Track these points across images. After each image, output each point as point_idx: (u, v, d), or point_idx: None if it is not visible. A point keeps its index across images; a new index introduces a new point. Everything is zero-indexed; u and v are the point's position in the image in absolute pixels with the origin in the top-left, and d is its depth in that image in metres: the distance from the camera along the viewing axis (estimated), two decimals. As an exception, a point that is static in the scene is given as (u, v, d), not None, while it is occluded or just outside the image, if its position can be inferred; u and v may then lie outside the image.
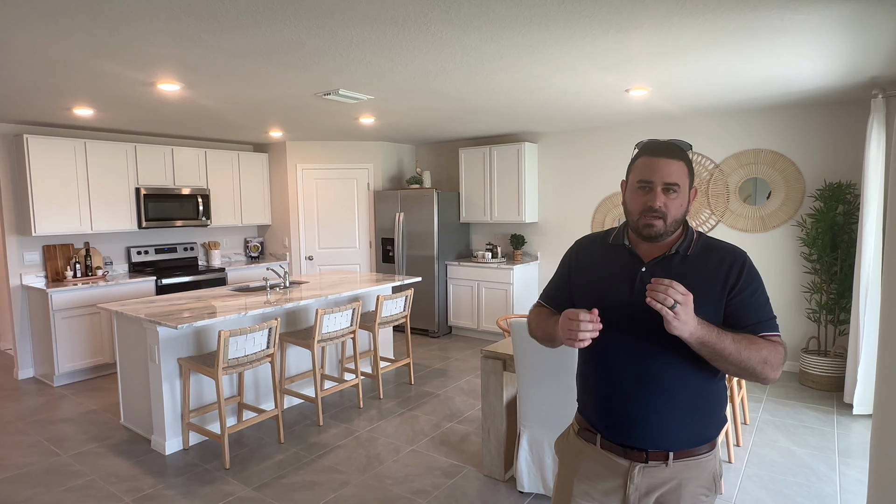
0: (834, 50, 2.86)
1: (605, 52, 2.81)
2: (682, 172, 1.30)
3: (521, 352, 2.67)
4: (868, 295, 3.70)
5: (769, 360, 1.22)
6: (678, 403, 1.32)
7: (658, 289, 1.15)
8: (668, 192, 1.29)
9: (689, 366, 1.29)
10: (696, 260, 1.33)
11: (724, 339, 1.20)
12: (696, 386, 1.32)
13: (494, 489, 2.87)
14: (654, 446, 1.33)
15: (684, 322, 1.15)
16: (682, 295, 1.15)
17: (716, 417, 1.38)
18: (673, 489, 1.34)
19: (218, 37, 2.47)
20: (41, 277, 4.90)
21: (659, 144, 1.33)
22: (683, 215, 1.34)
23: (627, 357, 1.34)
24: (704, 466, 1.35)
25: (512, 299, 5.66)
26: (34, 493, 2.89)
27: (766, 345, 1.24)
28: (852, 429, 3.53)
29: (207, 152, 5.87)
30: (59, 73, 3.05)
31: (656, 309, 1.15)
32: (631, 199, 1.36)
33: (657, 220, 1.30)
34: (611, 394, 1.38)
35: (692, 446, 1.34)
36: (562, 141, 5.78)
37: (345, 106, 4.15)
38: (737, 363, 1.21)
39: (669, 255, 1.35)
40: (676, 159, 1.30)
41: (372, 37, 2.52)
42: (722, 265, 1.31)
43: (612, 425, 1.38)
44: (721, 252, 1.34)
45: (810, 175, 4.47)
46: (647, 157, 1.32)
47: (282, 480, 2.99)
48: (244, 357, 3.22)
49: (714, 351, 1.20)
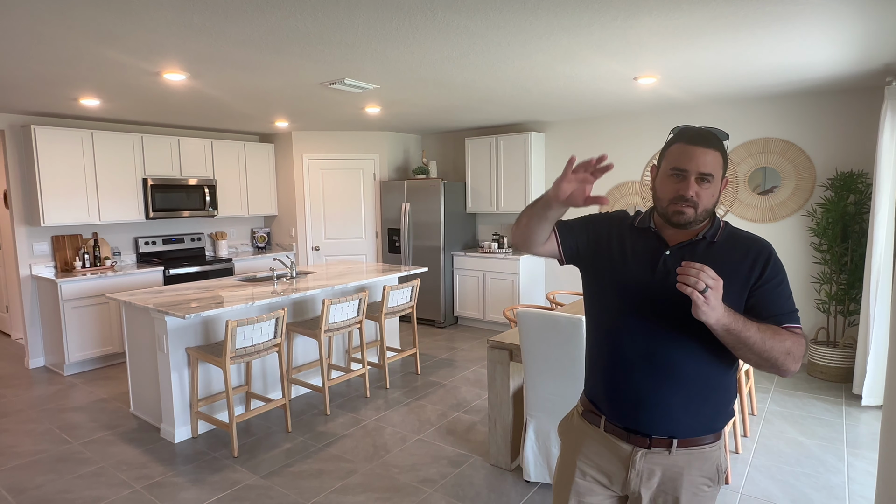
0: (847, 36, 2.81)
1: (614, 38, 2.77)
2: (718, 163, 1.27)
3: (527, 342, 2.66)
4: (879, 286, 3.66)
5: (792, 351, 1.21)
6: (688, 391, 1.30)
7: (689, 272, 1.12)
8: (702, 182, 1.26)
9: (704, 354, 1.28)
10: (722, 247, 1.31)
11: (749, 327, 1.18)
12: (709, 375, 1.31)
13: (501, 478, 2.88)
14: (659, 432, 1.32)
15: (713, 308, 1.13)
16: (713, 280, 1.12)
17: (725, 409, 1.36)
18: (674, 476, 1.33)
19: (223, 25, 2.46)
20: (50, 268, 4.94)
21: (696, 132, 1.29)
22: (714, 205, 1.31)
23: (641, 340, 1.32)
24: (708, 457, 1.34)
25: (518, 290, 5.65)
26: (46, 479, 2.93)
27: (789, 336, 1.22)
28: (861, 420, 3.51)
29: (214, 143, 5.87)
30: (64, 63, 3.05)
31: (686, 293, 1.13)
32: (662, 184, 1.32)
33: (688, 208, 1.27)
34: (620, 376, 1.36)
35: (697, 435, 1.32)
36: (569, 130, 5.74)
37: (351, 95, 4.13)
38: (760, 353, 1.19)
39: (696, 241, 1.32)
40: (713, 149, 1.26)
41: (378, 24, 2.49)
42: (748, 255, 1.29)
43: (618, 408, 1.37)
44: (747, 242, 1.32)
45: (821, 164, 4.41)
46: (682, 143, 1.28)
47: (289, 469, 3.01)
48: (251, 347, 3.24)
49: (739, 339, 1.18)
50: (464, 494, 2.73)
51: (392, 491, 2.77)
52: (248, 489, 2.81)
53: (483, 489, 2.78)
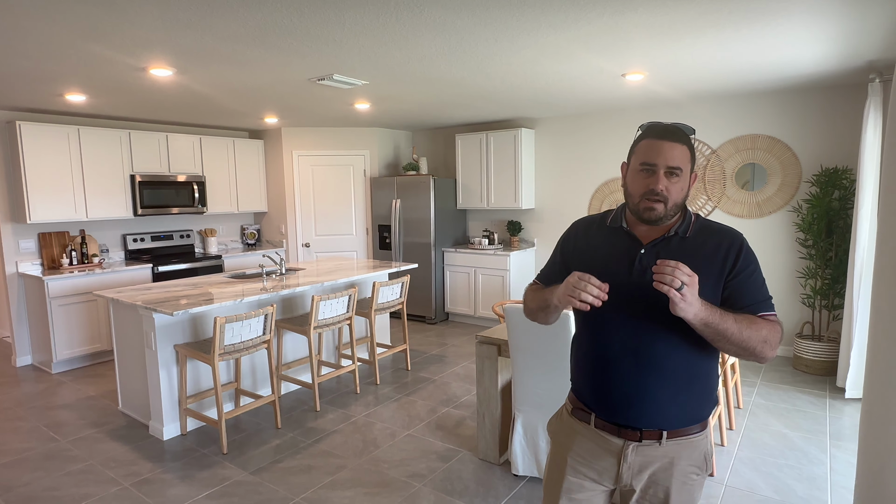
0: (831, 33, 2.84)
1: (601, 34, 2.79)
2: (685, 157, 1.29)
3: (515, 337, 2.68)
4: (862, 280, 3.71)
5: (769, 339, 1.24)
6: (674, 383, 1.33)
7: (665, 270, 1.15)
8: (671, 176, 1.29)
9: (685, 346, 1.30)
10: (695, 241, 1.34)
11: (726, 319, 1.20)
12: (692, 367, 1.34)
13: (489, 472, 2.90)
14: (649, 425, 1.34)
15: (690, 303, 1.15)
16: (689, 276, 1.15)
17: (709, 398, 1.40)
18: (665, 467, 1.36)
19: (209, 20, 2.44)
20: (37, 265, 4.90)
21: (663, 127, 1.31)
22: (684, 200, 1.33)
23: (625, 337, 1.35)
24: (696, 445, 1.37)
25: (508, 286, 5.67)
26: (34, 477, 2.92)
27: (765, 324, 1.26)
28: (844, 412, 3.56)
29: (202, 139, 5.84)
30: (49, 58, 3.02)
31: (663, 291, 1.15)
32: (632, 181, 1.34)
33: (658, 203, 1.29)
34: (607, 374, 1.38)
35: (685, 425, 1.35)
36: (559, 127, 5.75)
37: (340, 91, 4.12)
38: (738, 343, 1.22)
39: (668, 237, 1.35)
40: (680, 143, 1.29)
41: (365, 20, 2.49)
42: (720, 247, 1.32)
43: (607, 405, 1.39)
44: (719, 234, 1.34)
45: (807, 160, 4.46)
46: (650, 139, 1.30)
47: (279, 465, 3.02)
48: (240, 343, 3.23)
49: (717, 332, 1.21)
50: (452, 489, 2.75)
51: (381, 486, 2.79)
52: (237, 485, 2.81)
53: (471, 483, 2.80)
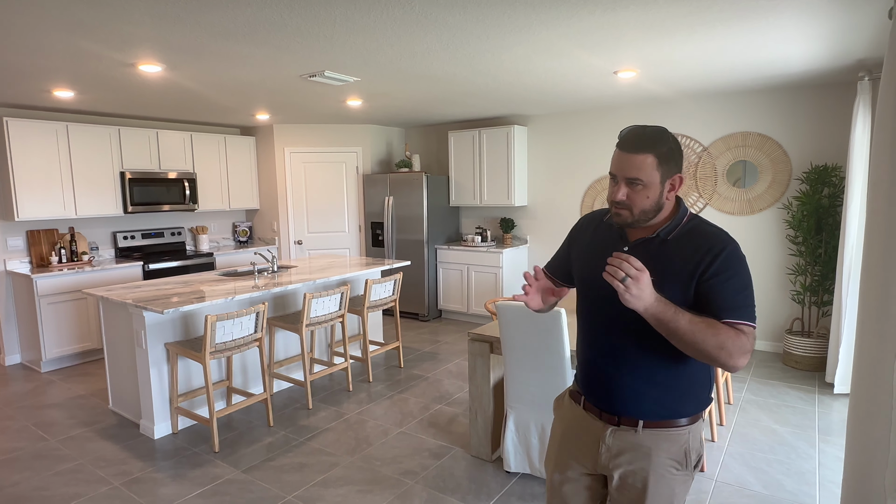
0: (821, 32, 2.86)
1: (592, 32, 2.79)
2: (648, 165, 1.29)
3: (507, 334, 2.68)
4: (851, 276, 3.75)
5: (726, 346, 1.21)
6: (645, 378, 1.37)
7: (613, 262, 1.19)
8: (633, 185, 1.31)
9: (660, 346, 1.31)
10: (675, 244, 1.35)
11: (679, 318, 1.21)
12: (666, 365, 1.36)
13: (482, 469, 2.91)
14: (625, 413, 1.40)
15: (636, 297, 1.18)
16: (637, 270, 1.17)
17: (691, 396, 1.40)
18: (641, 456, 1.38)
19: (197, 15, 2.42)
20: (25, 263, 4.85)
21: (625, 138, 1.33)
22: (654, 205, 1.33)
23: (604, 330, 1.42)
24: (676, 440, 1.38)
25: (501, 283, 5.68)
26: (22, 477, 2.90)
27: (725, 331, 1.23)
28: (833, 407, 3.60)
29: (193, 136, 5.79)
30: (36, 53, 2.98)
31: (608, 281, 1.19)
32: (609, 187, 1.41)
33: (623, 210, 1.34)
34: (590, 363, 1.48)
35: (662, 418, 1.38)
36: (551, 124, 5.76)
37: (331, 88, 4.10)
38: (691, 344, 1.22)
39: (650, 238, 1.38)
40: (641, 153, 1.29)
41: (356, 17, 2.48)
42: (700, 249, 1.31)
43: (591, 390, 1.48)
44: (704, 237, 1.34)
45: (797, 158, 4.49)
46: (616, 150, 1.35)
47: (271, 463, 3.01)
48: (231, 341, 3.22)
49: (668, 329, 1.22)
50: (444, 486, 2.75)
51: (373, 483, 2.79)
52: (228, 483, 2.80)
53: (464, 480, 2.80)
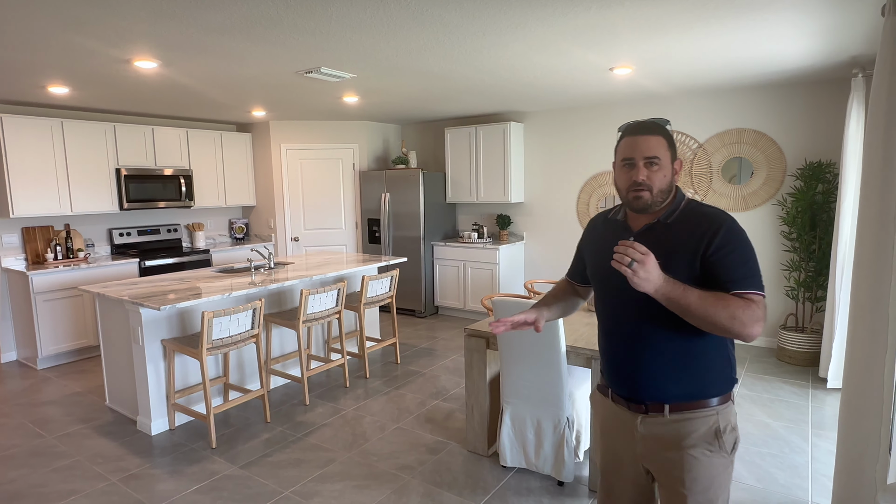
0: (815, 28, 2.87)
1: (588, 29, 2.79)
2: (662, 145, 1.39)
3: (503, 330, 2.69)
4: (844, 273, 3.78)
5: (737, 315, 1.26)
6: (668, 361, 1.41)
7: (618, 250, 1.24)
8: (650, 166, 1.38)
9: (675, 327, 1.37)
10: (676, 226, 1.41)
11: (689, 295, 1.26)
12: (683, 346, 1.40)
13: (478, 464, 2.93)
14: (651, 398, 1.44)
15: (644, 279, 1.22)
16: (641, 255, 1.22)
17: (712, 376, 1.42)
18: (673, 442, 1.41)
19: (193, 11, 2.42)
20: (21, 260, 4.84)
21: (637, 123, 1.43)
22: (668, 185, 1.41)
23: (622, 319, 1.47)
24: (705, 422, 1.40)
25: (498, 279, 5.69)
26: (20, 474, 2.90)
27: (735, 301, 1.28)
28: (826, 402, 3.63)
29: (189, 132, 5.78)
30: (30, 49, 2.97)
31: (616, 268, 1.24)
32: (618, 177, 1.45)
33: (643, 192, 1.38)
34: (612, 353, 1.52)
35: (687, 400, 1.41)
36: (548, 120, 5.77)
37: (328, 84, 4.09)
38: (704, 318, 1.27)
39: (652, 224, 1.44)
40: (654, 134, 1.39)
41: (352, 13, 2.48)
42: (699, 228, 1.37)
43: (616, 381, 1.52)
44: (702, 217, 1.40)
45: (791, 154, 4.51)
46: (627, 137, 1.42)
47: (268, 458, 3.02)
48: (228, 338, 3.22)
49: (680, 306, 1.27)
50: (441, 480, 2.77)
51: (370, 478, 2.80)
52: (226, 479, 2.81)
53: (460, 475, 2.82)
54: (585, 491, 2.66)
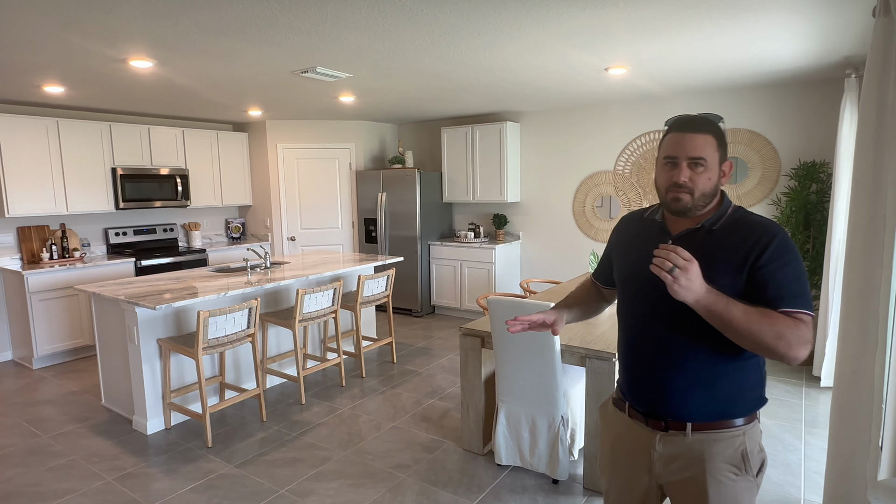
0: (808, 29, 2.89)
1: (583, 29, 2.81)
2: (710, 145, 1.28)
3: (497, 329, 2.71)
4: (837, 272, 3.80)
5: (784, 335, 1.17)
6: (695, 376, 1.32)
7: (660, 254, 1.16)
8: (695, 167, 1.28)
9: (706, 338, 1.28)
10: (722, 234, 1.31)
11: (733, 309, 1.17)
12: (712, 360, 1.31)
13: (473, 462, 2.94)
14: (673, 416, 1.35)
15: (685, 287, 1.14)
16: (685, 261, 1.14)
17: (740, 395, 1.33)
18: (695, 462, 1.32)
19: (188, 11, 2.42)
20: (16, 259, 4.83)
21: (685, 119, 1.32)
22: (713, 189, 1.31)
23: (650, 328, 1.37)
24: (731, 443, 1.31)
25: (494, 279, 5.70)
26: (15, 473, 2.90)
27: (782, 320, 1.19)
28: (820, 400, 3.66)
29: (185, 132, 5.77)
30: (25, 48, 2.97)
31: (656, 273, 1.16)
32: (659, 175, 1.35)
33: (684, 194, 1.29)
34: (634, 361, 1.43)
35: (712, 419, 1.32)
36: (544, 120, 5.78)
37: (324, 84, 4.10)
38: (747, 335, 1.18)
39: (695, 229, 1.34)
40: (702, 133, 1.28)
41: (347, 13, 2.48)
42: (748, 239, 1.27)
43: (635, 394, 1.42)
44: (751, 227, 1.29)
45: (786, 154, 4.54)
46: (673, 133, 1.31)
47: (264, 457, 3.03)
48: (224, 337, 3.22)
49: (722, 321, 1.18)
50: (436, 479, 2.78)
51: (366, 477, 2.81)
52: (221, 478, 2.82)
53: (455, 473, 2.83)
54: (580, 489, 2.67)
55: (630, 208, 5.35)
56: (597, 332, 2.79)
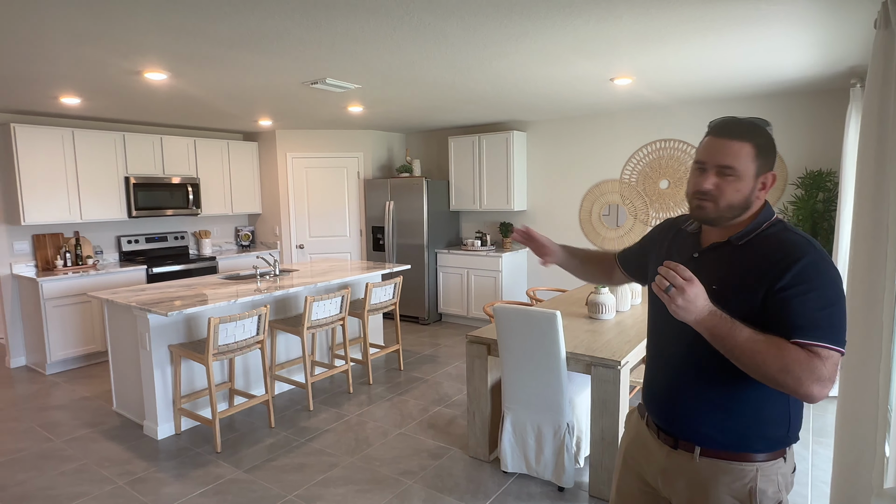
0: (813, 40, 2.92)
1: (588, 40, 2.85)
2: (746, 154, 1.18)
3: (504, 336, 2.73)
4: (844, 280, 3.79)
5: (792, 369, 1.06)
6: (712, 400, 1.25)
7: (661, 272, 1.11)
8: (723, 176, 1.19)
9: (726, 362, 1.16)
10: (749, 250, 1.21)
11: (737, 333, 1.08)
12: (732, 385, 1.22)
13: (479, 469, 2.95)
14: (684, 436, 1.30)
15: (682, 308, 1.08)
16: (683, 280, 1.08)
17: (760, 428, 1.23)
18: (699, 488, 1.27)
19: (202, 25, 2.49)
20: (31, 266, 4.92)
21: (724, 123, 1.23)
22: (744, 201, 1.21)
23: (672, 342, 1.33)
24: (739, 476, 1.22)
25: (501, 287, 5.73)
26: (28, 476, 2.95)
27: (793, 352, 1.07)
28: (828, 409, 3.64)
29: (197, 141, 5.87)
30: (42, 61, 3.05)
31: (655, 291, 1.13)
32: (689, 179, 1.28)
33: (707, 202, 1.21)
34: (653, 377, 1.41)
35: (724, 448, 1.24)
36: (550, 129, 5.82)
37: (333, 95, 4.17)
38: (750, 364, 1.09)
39: (721, 244, 1.26)
40: (739, 140, 1.18)
41: (356, 26, 2.54)
42: (773, 257, 1.16)
43: (653, 406, 1.40)
44: (783, 245, 1.18)
45: (792, 163, 4.54)
46: (709, 136, 1.23)
47: (272, 463, 3.06)
48: (234, 343, 3.27)
49: (724, 345, 1.10)
50: (443, 485, 2.80)
51: (373, 483, 2.83)
52: (230, 483, 2.85)
53: (462, 480, 2.85)
54: (586, 497, 2.68)
55: (637, 217, 5.37)
56: (602, 340, 2.81)
